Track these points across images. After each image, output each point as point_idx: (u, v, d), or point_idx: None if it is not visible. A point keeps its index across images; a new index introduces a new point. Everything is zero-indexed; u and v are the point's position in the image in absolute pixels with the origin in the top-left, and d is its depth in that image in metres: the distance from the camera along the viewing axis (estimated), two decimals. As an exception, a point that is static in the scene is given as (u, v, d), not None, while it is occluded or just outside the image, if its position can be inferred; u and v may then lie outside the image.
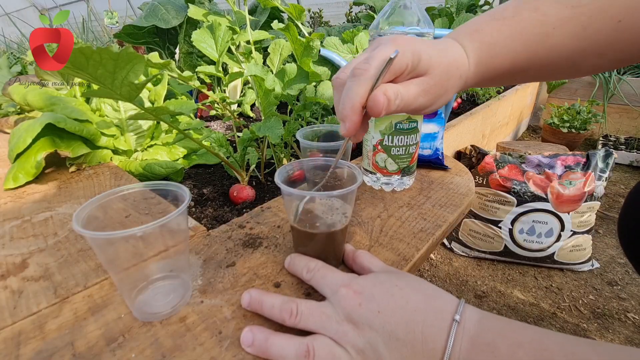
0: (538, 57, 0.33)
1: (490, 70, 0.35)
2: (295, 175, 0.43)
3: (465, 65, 0.34)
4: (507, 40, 0.33)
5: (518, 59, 0.34)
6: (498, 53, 0.34)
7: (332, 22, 2.54)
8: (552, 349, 0.24)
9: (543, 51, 0.33)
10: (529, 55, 0.33)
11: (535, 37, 0.33)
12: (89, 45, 0.54)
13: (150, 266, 0.34)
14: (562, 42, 0.32)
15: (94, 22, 3.50)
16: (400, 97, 0.30)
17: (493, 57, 0.34)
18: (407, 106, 0.31)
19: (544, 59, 0.33)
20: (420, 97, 0.32)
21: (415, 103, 0.32)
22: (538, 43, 0.33)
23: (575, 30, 0.31)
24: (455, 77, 0.34)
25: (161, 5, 1.19)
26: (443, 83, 0.33)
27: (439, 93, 0.33)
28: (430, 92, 0.32)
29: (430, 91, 0.32)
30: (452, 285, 1.18)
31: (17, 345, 0.31)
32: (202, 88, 0.69)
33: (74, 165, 0.67)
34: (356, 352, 0.28)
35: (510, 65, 0.34)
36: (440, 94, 0.33)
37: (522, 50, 0.33)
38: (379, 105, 0.29)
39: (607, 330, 1.00)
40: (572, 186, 1.11)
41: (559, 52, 0.33)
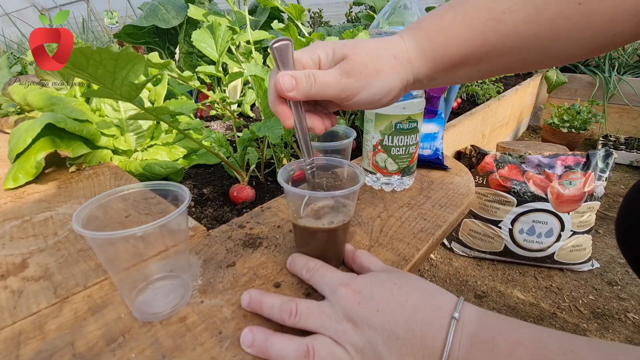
0: (492, 44, 0.31)
1: (438, 56, 0.33)
2: (295, 175, 0.43)
3: (401, 47, 0.33)
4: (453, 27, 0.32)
5: (469, 46, 0.32)
6: (443, 39, 0.32)
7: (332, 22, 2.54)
8: (551, 347, 0.24)
9: (496, 38, 0.31)
10: (481, 42, 0.32)
11: (485, 23, 0.31)
12: (89, 45, 0.54)
13: (150, 266, 0.34)
14: (516, 28, 0.30)
15: (94, 22, 3.50)
16: (313, 78, 0.31)
17: (437, 42, 0.33)
18: (327, 86, 0.31)
19: (500, 46, 0.32)
20: (343, 79, 0.31)
21: (337, 84, 0.31)
22: (489, 29, 0.31)
23: (529, 14, 0.29)
24: (387, 56, 0.32)
25: (161, 5, 1.19)
26: (368, 62, 0.32)
27: (366, 73, 0.31)
28: (353, 73, 0.31)
29: (353, 72, 0.31)
30: (452, 285, 1.18)
31: (17, 345, 0.31)
32: (202, 88, 0.69)
33: (74, 165, 0.67)
34: (356, 351, 0.28)
35: (462, 53, 0.32)
36: (370, 73, 0.32)
37: (471, 37, 0.32)
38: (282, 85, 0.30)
39: (607, 330, 1.00)
40: (572, 186, 1.11)
41: (515, 38, 0.31)
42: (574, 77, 2.47)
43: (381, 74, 0.32)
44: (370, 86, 0.32)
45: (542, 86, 2.56)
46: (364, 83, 0.32)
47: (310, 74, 0.31)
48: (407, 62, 0.33)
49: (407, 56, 0.33)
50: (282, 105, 0.33)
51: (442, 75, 0.35)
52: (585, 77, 2.43)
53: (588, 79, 2.41)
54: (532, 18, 0.29)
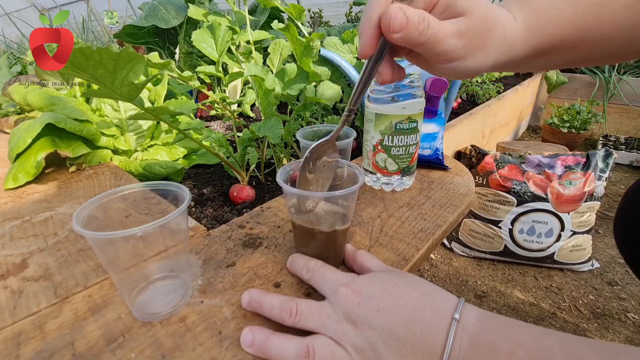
0: (591, 31, 0.31)
1: (540, 40, 0.31)
2: (295, 175, 0.43)
3: (512, 26, 0.31)
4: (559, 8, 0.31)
5: (570, 30, 0.31)
6: (549, 21, 0.31)
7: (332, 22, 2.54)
8: (551, 348, 0.24)
9: (595, 24, 0.30)
10: (582, 27, 0.30)
11: (589, 7, 0.30)
12: (89, 45, 0.54)
13: (150, 266, 0.34)
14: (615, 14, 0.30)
15: (94, 22, 3.50)
16: (427, 23, 0.27)
17: (543, 24, 0.31)
18: (435, 41, 0.27)
19: (598, 33, 0.31)
20: (453, 39, 0.28)
21: (445, 42, 0.28)
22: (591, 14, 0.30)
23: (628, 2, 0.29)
24: (499, 33, 0.30)
25: (161, 5, 1.19)
26: (482, 33, 0.29)
27: (476, 43, 0.29)
28: (466, 36, 0.28)
29: (466, 35, 0.28)
30: (452, 285, 1.18)
31: (17, 345, 0.31)
32: (202, 88, 0.69)
33: (74, 165, 0.67)
34: (356, 352, 0.28)
35: (562, 36, 0.31)
36: (478, 45, 0.29)
37: (575, 21, 0.30)
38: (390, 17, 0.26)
39: (607, 330, 1.00)
40: (572, 186, 1.11)
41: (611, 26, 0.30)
42: (574, 77, 2.47)
43: (485, 50, 0.30)
44: (470, 58, 0.30)
45: (542, 86, 2.56)
46: (467, 52, 0.29)
47: (425, 18, 0.27)
48: (510, 46, 0.31)
49: (514, 41, 0.31)
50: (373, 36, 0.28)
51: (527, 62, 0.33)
52: (585, 77, 2.43)
53: (588, 79, 2.41)
54: (630, 6, 0.29)
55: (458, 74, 0.31)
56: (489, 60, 0.30)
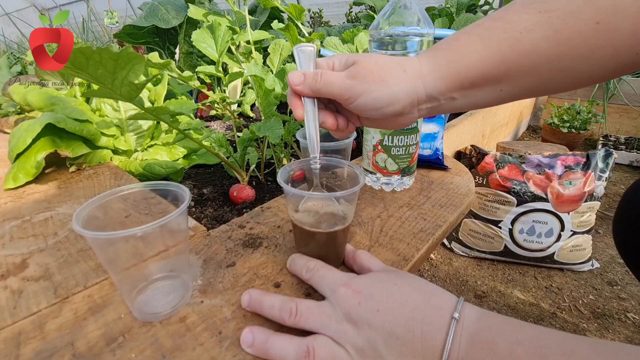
0: (512, 63, 0.31)
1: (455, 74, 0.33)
2: (295, 176, 0.43)
3: (414, 64, 0.34)
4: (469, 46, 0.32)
5: (487, 65, 0.31)
6: (459, 57, 0.32)
7: (332, 22, 2.54)
8: (551, 346, 0.24)
9: (514, 56, 0.31)
10: (500, 60, 0.31)
11: (502, 42, 0.31)
12: (89, 45, 0.54)
13: (150, 266, 0.34)
14: (534, 46, 0.30)
15: (94, 22, 3.50)
16: (320, 74, 0.34)
17: (453, 59, 0.33)
18: (330, 83, 0.34)
19: (520, 65, 0.31)
20: (347, 80, 0.33)
21: (341, 84, 0.33)
22: (506, 47, 0.31)
23: (547, 34, 0.29)
24: (396, 69, 0.34)
25: (161, 5, 1.19)
26: (374, 70, 0.33)
27: (371, 78, 0.33)
28: (357, 76, 0.33)
29: (358, 75, 0.33)
30: (452, 285, 1.18)
31: (17, 345, 0.31)
32: (202, 88, 0.69)
33: (74, 165, 0.67)
34: (356, 352, 0.28)
35: (480, 71, 0.32)
36: (374, 79, 0.33)
37: (488, 55, 0.31)
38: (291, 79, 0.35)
39: (607, 330, 1.00)
40: (572, 186, 1.11)
41: (535, 57, 0.30)
42: (574, 77, 2.46)
43: (384, 82, 0.33)
44: (372, 91, 0.33)
45: (542, 86, 2.56)
46: (366, 87, 0.33)
47: (319, 72, 0.34)
48: (417, 77, 0.33)
49: (420, 71, 0.34)
50: (294, 97, 0.36)
51: (461, 95, 0.34)
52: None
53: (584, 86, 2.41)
54: (550, 37, 0.29)
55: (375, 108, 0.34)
56: (397, 91, 0.33)
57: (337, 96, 0.34)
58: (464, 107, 0.36)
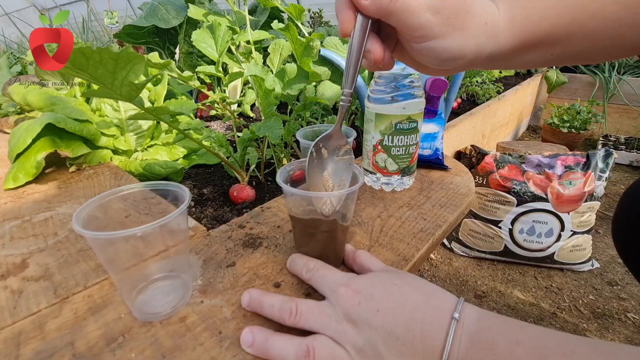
0: (578, 24, 0.30)
1: (526, 31, 0.31)
2: (295, 176, 0.43)
3: (494, 12, 0.30)
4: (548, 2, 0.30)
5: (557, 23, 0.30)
6: (535, 12, 0.30)
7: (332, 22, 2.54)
8: (551, 347, 0.24)
9: (584, 17, 0.29)
10: (569, 20, 0.30)
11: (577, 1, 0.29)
12: (89, 45, 0.54)
13: (150, 266, 0.34)
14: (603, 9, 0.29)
15: (94, 22, 3.50)
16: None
17: (529, 14, 0.30)
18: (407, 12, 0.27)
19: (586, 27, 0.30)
20: (428, 12, 0.27)
21: (419, 15, 0.27)
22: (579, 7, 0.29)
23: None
24: (479, 16, 0.29)
25: (161, 5, 1.19)
26: (460, 12, 0.28)
27: (453, 22, 0.28)
28: (441, 13, 0.27)
29: (442, 11, 0.27)
30: (452, 285, 1.18)
31: (17, 345, 0.31)
32: (202, 88, 0.69)
33: (74, 165, 0.67)
34: (356, 352, 0.28)
35: (549, 29, 0.30)
36: (455, 24, 0.28)
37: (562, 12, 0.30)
38: None
39: (607, 330, 1.00)
40: (572, 186, 1.11)
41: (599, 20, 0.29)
42: (574, 77, 2.47)
43: (465, 32, 0.29)
44: (448, 37, 0.28)
45: (542, 86, 2.56)
46: (445, 30, 0.28)
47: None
48: (492, 34, 0.30)
49: (497, 27, 0.30)
50: (348, 9, 0.28)
51: (516, 55, 0.32)
52: (585, 77, 2.43)
53: (588, 79, 2.41)
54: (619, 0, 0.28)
55: (440, 57, 0.30)
56: (470, 44, 0.29)
57: (408, 29, 0.28)
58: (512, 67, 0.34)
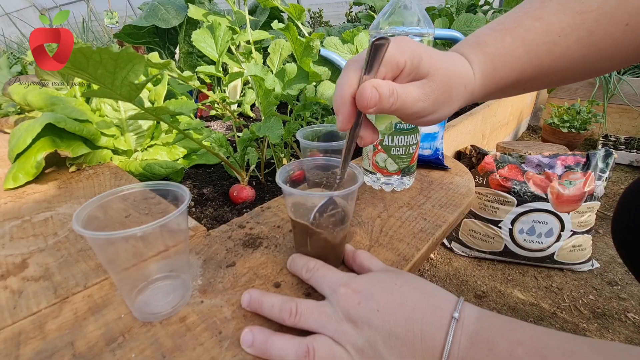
0: (545, 66, 0.32)
1: (496, 82, 0.34)
2: (295, 176, 0.43)
3: (471, 76, 0.33)
4: (512, 52, 0.32)
5: (525, 70, 0.33)
6: (503, 65, 0.33)
7: (332, 22, 2.54)
8: (551, 347, 0.24)
9: (549, 60, 0.32)
10: (536, 65, 0.32)
11: (541, 47, 0.32)
12: (89, 45, 0.54)
13: (150, 266, 0.34)
14: (568, 50, 0.31)
15: (94, 22, 3.50)
16: (396, 96, 0.29)
17: (498, 69, 0.33)
18: (404, 107, 0.30)
19: (552, 68, 0.32)
20: (421, 101, 0.30)
21: (414, 106, 0.30)
22: (544, 52, 0.32)
23: (581, 36, 0.30)
24: (459, 86, 0.32)
25: (161, 5, 1.19)
26: (446, 89, 0.31)
27: (441, 100, 0.31)
28: (431, 97, 0.31)
29: (431, 96, 0.31)
30: (452, 285, 1.18)
31: (17, 345, 0.31)
32: (202, 88, 0.69)
33: (74, 165, 0.67)
34: (356, 351, 0.28)
35: (517, 76, 0.33)
36: (443, 101, 0.32)
37: (527, 61, 0.32)
38: (365, 98, 0.28)
39: (607, 330, 1.00)
40: (572, 186, 1.11)
41: (565, 60, 0.32)
42: (574, 77, 2.46)
43: (450, 102, 0.32)
44: (438, 112, 0.32)
45: (542, 86, 2.56)
46: (435, 108, 0.32)
47: (394, 92, 0.29)
48: (471, 92, 0.34)
49: (474, 86, 0.34)
50: (351, 106, 0.30)
51: (490, 96, 0.36)
52: (585, 77, 2.42)
53: (588, 79, 2.41)
54: (583, 40, 0.30)
55: (432, 122, 0.34)
56: (455, 108, 0.33)
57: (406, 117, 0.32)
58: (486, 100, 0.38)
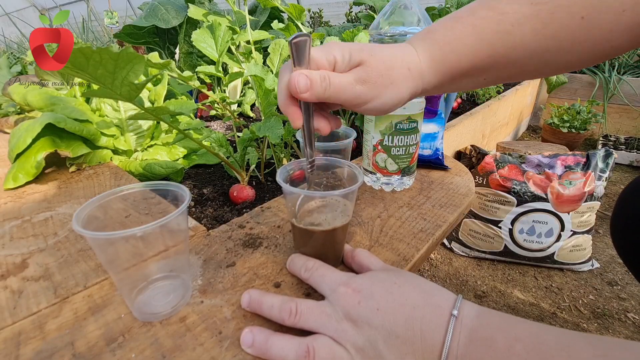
0: (500, 56, 0.32)
1: (448, 68, 0.34)
2: (295, 175, 0.43)
3: (414, 59, 0.33)
4: (463, 38, 0.33)
5: (478, 57, 0.33)
6: (454, 50, 0.33)
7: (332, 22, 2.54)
8: (549, 342, 0.24)
9: (504, 49, 0.32)
10: (490, 54, 0.32)
11: (494, 35, 0.32)
12: (89, 45, 0.54)
13: (150, 266, 0.34)
14: (523, 40, 0.31)
15: (94, 22, 3.50)
16: (328, 80, 0.30)
17: (448, 53, 0.33)
18: (340, 91, 0.31)
19: (507, 58, 0.32)
20: (357, 85, 0.31)
21: (351, 90, 0.31)
22: (498, 41, 0.32)
23: (536, 27, 0.30)
24: (401, 68, 0.32)
25: (161, 5, 1.19)
26: (383, 72, 0.32)
27: (381, 82, 0.32)
28: (368, 81, 0.31)
29: (368, 80, 0.31)
30: (452, 285, 1.18)
31: (17, 345, 0.31)
32: (202, 88, 0.69)
33: (74, 165, 0.67)
34: (356, 351, 0.28)
35: (471, 63, 0.33)
36: (384, 83, 0.32)
37: (480, 48, 0.32)
38: (294, 84, 0.29)
39: (607, 330, 1.00)
40: (572, 186, 1.11)
41: (521, 51, 0.32)
42: (573, 77, 2.47)
43: (394, 85, 0.32)
44: (382, 96, 0.32)
45: (542, 86, 2.56)
46: (377, 92, 0.32)
47: (326, 76, 0.30)
48: (419, 75, 0.33)
49: (420, 69, 0.33)
50: (293, 106, 0.32)
51: (448, 84, 0.36)
52: (585, 77, 2.43)
53: (588, 79, 2.41)
54: (538, 31, 0.30)
55: (381, 110, 0.34)
56: (403, 91, 0.33)
57: (345, 103, 0.32)
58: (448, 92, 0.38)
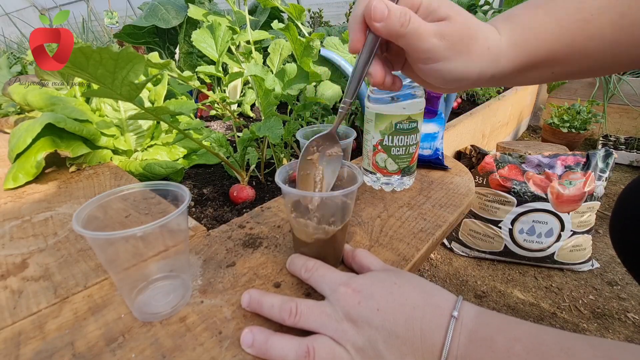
0: (577, 46, 0.31)
1: (526, 54, 0.32)
2: (294, 175, 0.43)
3: (496, 38, 0.31)
4: (544, 25, 0.31)
5: (556, 46, 0.31)
6: (535, 36, 0.32)
7: (332, 22, 2.54)
8: (548, 343, 0.24)
9: (582, 39, 0.31)
10: (568, 43, 0.31)
11: (574, 23, 0.30)
12: (89, 45, 0.54)
13: (150, 266, 0.34)
14: (601, 31, 0.30)
15: (94, 22, 3.50)
16: (409, 17, 0.28)
17: (529, 39, 0.32)
18: (415, 36, 0.28)
19: (584, 49, 0.31)
20: (435, 37, 0.29)
21: (427, 40, 0.29)
22: (577, 30, 0.30)
23: (613, 18, 0.29)
24: (482, 42, 0.30)
25: (161, 5, 1.19)
26: (464, 38, 0.29)
27: (459, 47, 0.29)
28: (448, 38, 0.29)
29: (448, 37, 0.29)
30: (452, 285, 1.18)
31: (17, 345, 0.31)
32: (202, 88, 0.69)
33: (74, 165, 0.67)
34: (356, 351, 0.28)
35: (548, 52, 0.32)
36: (460, 50, 0.30)
37: (559, 36, 0.31)
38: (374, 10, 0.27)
39: (607, 330, 1.00)
40: (572, 186, 1.11)
41: (598, 42, 0.31)
42: (574, 77, 2.46)
43: (469, 55, 0.30)
44: (453, 61, 0.30)
45: (542, 86, 2.56)
46: (450, 54, 0.30)
47: (407, 13, 0.28)
48: (495, 58, 0.32)
49: (499, 53, 0.32)
50: (360, 31, 0.30)
51: (517, 76, 0.34)
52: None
53: (588, 79, 2.41)
54: (615, 22, 0.30)
55: (445, 78, 0.31)
56: (474, 68, 0.31)
57: (416, 51, 0.30)
58: (512, 84, 0.36)
